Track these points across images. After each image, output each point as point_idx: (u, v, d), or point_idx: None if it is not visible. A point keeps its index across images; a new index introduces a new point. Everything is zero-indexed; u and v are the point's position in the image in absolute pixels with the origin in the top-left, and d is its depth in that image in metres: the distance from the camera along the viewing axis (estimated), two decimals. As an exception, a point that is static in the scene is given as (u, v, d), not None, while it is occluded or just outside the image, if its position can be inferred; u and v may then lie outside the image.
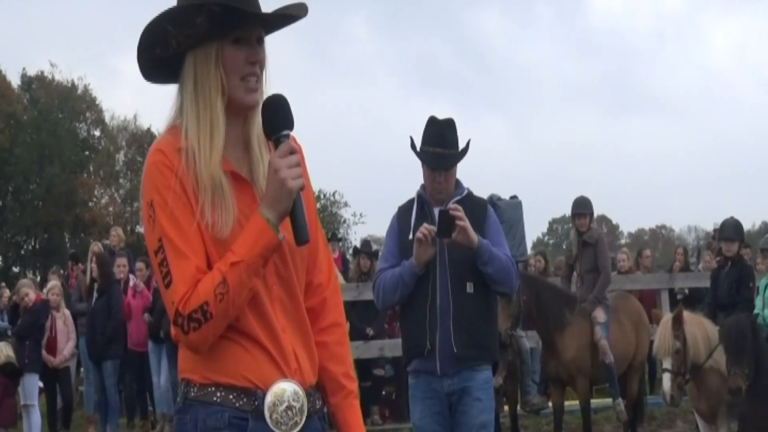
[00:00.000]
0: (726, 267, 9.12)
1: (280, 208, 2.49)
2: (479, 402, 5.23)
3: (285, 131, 2.57)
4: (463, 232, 5.07)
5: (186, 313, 2.45)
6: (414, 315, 5.31)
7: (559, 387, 9.54)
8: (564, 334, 9.20)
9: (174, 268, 2.48)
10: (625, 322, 9.78)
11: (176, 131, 2.59)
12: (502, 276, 5.20)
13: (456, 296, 5.22)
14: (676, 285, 13.45)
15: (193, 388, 2.58)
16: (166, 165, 2.53)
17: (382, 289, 5.34)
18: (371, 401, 12.34)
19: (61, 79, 47.00)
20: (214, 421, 2.54)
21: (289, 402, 2.58)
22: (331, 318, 2.81)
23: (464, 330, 5.20)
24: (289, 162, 2.49)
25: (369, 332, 11.90)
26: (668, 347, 7.93)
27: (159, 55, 2.58)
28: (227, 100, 2.58)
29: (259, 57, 2.61)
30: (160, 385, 12.12)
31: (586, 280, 9.71)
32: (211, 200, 2.52)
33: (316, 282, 2.79)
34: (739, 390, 7.40)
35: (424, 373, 5.31)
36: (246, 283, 2.47)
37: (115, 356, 12.10)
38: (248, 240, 2.48)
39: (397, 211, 5.59)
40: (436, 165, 5.31)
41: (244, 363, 2.56)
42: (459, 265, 5.24)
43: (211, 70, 2.56)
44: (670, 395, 7.92)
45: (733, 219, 9.22)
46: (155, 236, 2.51)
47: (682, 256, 15.64)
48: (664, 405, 9.33)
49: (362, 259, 12.76)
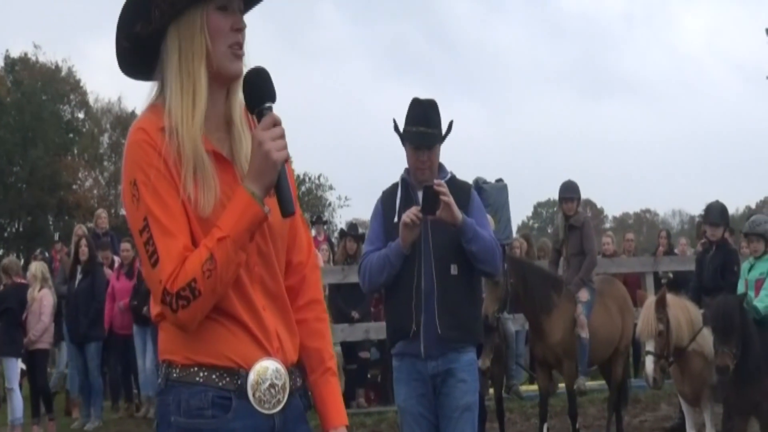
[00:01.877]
0: (711, 251, 9.15)
1: (266, 180, 2.47)
2: (464, 383, 5.25)
3: (267, 104, 2.54)
4: (447, 208, 5.07)
5: (174, 290, 2.43)
6: (399, 298, 5.32)
7: (545, 370, 9.56)
8: (551, 317, 9.22)
9: (160, 246, 2.46)
10: (610, 306, 9.80)
11: (157, 109, 2.57)
12: (486, 255, 5.21)
13: (440, 278, 5.23)
14: (660, 268, 13.51)
15: (175, 369, 2.57)
16: (148, 143, 2.50)
17: (369, 271, 5.34)
18: (357, 384, 12.37)
19: (45, 60, 46.73)
20: (197, 401, 2.53)
21: (272, 380, 2.58)
22: (309, 295, 2.81)
23: (448, 312, 5.21)
24: (273, 134, 2.48)
25: (354, 315, 11.92)
26: (651, 330, 7.96)
27: (139, 32, 2.55)
28: (212, 70, 2.57)
29: (242, 25, 2.60)
30: (146, 367, 12.14)
31: (573, 263, 9.73)
32: (193, 176, 2.50)
33: (295, 261, 2.79)
34: (726, 368, 7.42)
35: (408, 356, 5.32)
36: (233, 258, 2.45)
37: (98, 338, 12.07)
38: (234, 214, 2.46)
39: (381, 195, 5.59)
40: (419, 143, 5.32)
41: (227, 343, 2.55)
42: (443, 247, 5.25)
43: (195, 36, 2.54)
44: (653, 378, 7.96)
45: (718, 203, 9.24)
46: (140, 215, 2.48)
47: (665, 239, 15.70)
48: (648, 388, 9.38)
49: (348, 241, 12.76)
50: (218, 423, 2.53)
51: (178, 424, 2.54)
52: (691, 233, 24.07)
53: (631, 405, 11.10)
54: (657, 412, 11.40)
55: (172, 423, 2.55)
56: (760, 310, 7.86)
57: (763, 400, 7.74)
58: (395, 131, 5.46)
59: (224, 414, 2.54)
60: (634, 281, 13.45)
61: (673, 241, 16.62)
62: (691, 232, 25.86)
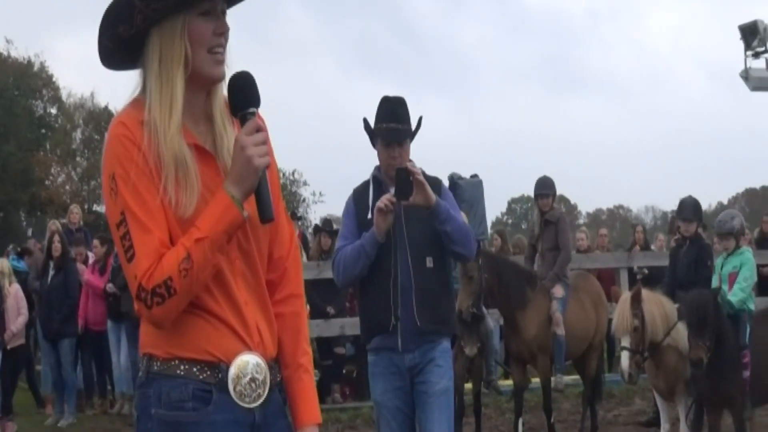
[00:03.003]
0: (684, 246, 9.19)
1: (246, 185, 2.49)
2: (439, 368, 5.30)
3: (251, 108, 2.56)
4: (420, 189, 5.12)
5: (150, 287, 2.44)
6: (375, 292, 5.33)
7: (520, 365, 9.59)
8: (525, 313, 9.25)
9: (137, 241, 2.46)
10: (584, 301, 9.84)
11: (139, 104, 2.58)
12: (460, 236, 5.25)
13: (417, 272, 5.27)
14: (634, 264, 13.57)
15: (156, 362, 2.57)
16: (128, 137, 2.51)
17: (343, 263, 5.35)
18: (332, 380, 12.37)
19: (17, 56, 46.40)
20: (178, 393, 2.54)
21: (252, 374, 2.60)
22: (288, 289, 2.82)
23: (426, 305, 5.26)
24: (255, 140, 2.49)
25: (330, 311, 11.90)
26: (627, 325, 8.00)
27: (122, 33, 2.55)
28: (192, 73, 2.57)
29: (225, 28, 2.61)
30: (120, 364, 12.09)
31: (547, 258, 9.76)
32: (174, 177, 2.51)
33: (277, 255, 2.79)
34: (700, 361, 7.47)
35: (385, 350, 5.35)
36: (210, 259, 2.47)
37: (72, 335, 11.97)
38: (213, 216, 2.47)
39: (353, 192, 5.62)
40: (390, 139, 5.37)
41: (208, 337, 2.56)
42: (418, 241, 5.30)
43: (175, 43, 2.54)
44: (628, 373, 8.00)
45: (691, 198, 9.27)
46: (117, 209, 2.49)
47: (641, 234, 15.78)
48: (623, 383, 9.43)
49: (323, 237, 12.74)
50: (199, 415, 2.54)
51: (159, 417, 2.55)
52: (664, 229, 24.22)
53: (605, 399, 11.16)
54: (631, 407, 11.48)
55: (152, 415, 2.56)
56: (734, 304, 7.92)
57: (736, 394, 7.79)
58: (366, 130, 5.51)
59: (205, 407, 2.55)
60: (609, 276, 13.52)
61: (649, 236, 16.71)
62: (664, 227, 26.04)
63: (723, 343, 7.62)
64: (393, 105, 5.47)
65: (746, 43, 18.84)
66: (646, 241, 15.79)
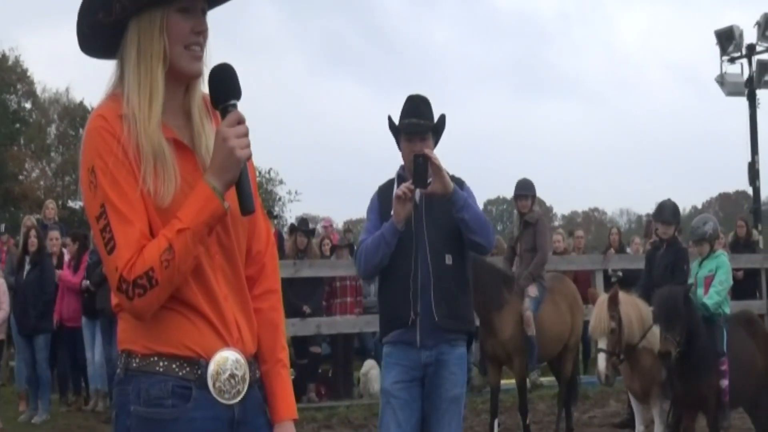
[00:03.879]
0: (661, 249, 9.23)
1: (227, 177, 2.50)
2: (454, 376, 5.39)
3: (232, 101, 2.56)
4: (438, 175, 5.20)
5: (131, 279, 2.44)
6: (395, 287, 5.42)
7: (495, 366, 9.62)
8: (501, 314, 9.29)
9: (117, 233, 2.46)
10: (560, 303, 9.89)
11: (117, 97, 2.58)
12: (478, 224, 5.32)
13: (436, 268, 5.36)
14: (610, 266, 13.64)
15: (134, 358, 2.56)
16: (107, 130, 2.51)
17: (365, 253, 5.44)
18: (308, 379, 12.37)
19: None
20: (157, 390, 2.53)
21: (232, 370, 2.60)
22: (266, 284, 2.82)
23: (444, 301, 5.35)
24: (237, 131, 2.50)
25: (306, 310, 11.90)
26: (604, 327, 8.03)
27: (101, 20, 2.55)
28: (170, 68, 2.58)
29: (203, 27, 2.62)
30: (94, 360, 12.04)
31: (526, 259, 9.80)
32: (153, 168, 2.51)
33: (255, 250, 2.80)
34: (668, 354, 7.52)
35: (402, 344, 5.44)
36: (191, 250, 2.47)
37: (47, 330, 11.90)
38: (194, 207, 2.48)
39: (377, 189, 5.72)
40: (412, 132, 5.47)
41: (187, 332, 2.56)
42: (438, 238, 5.40)
43: (154, 37, 2.55)
44: (605, 375, 8.03)
45: (670, 201, 9.32)
46: (97, 202, 2.49)
47: (616, 236, 15.86)
48: (598, 384, 9.47)
49: (299, 236, 12.72)
50: (178, 412, 2.54)
51: (138, 413, 2.54)
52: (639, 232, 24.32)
53: (580, 401, 11.21)
54: (606, 409, 11.55)
55: (131, 412, 2.55)
56: (710, 307, 7.97)
57: (710, 396, 7.85)
58: (390, 129, 5.62)
59: (184, 403, 2.54)
60: (585, 279, 13.57)
61: (624, 239, 16.79)
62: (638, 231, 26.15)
63: (695, 343, 7.68)
64: (416, 102, 5.58)
65: (722, 48, 18.97)
66: (621, 244, 15.89)
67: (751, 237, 15.77)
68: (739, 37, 18.79)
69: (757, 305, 13.58)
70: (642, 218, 44.72)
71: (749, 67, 18.86)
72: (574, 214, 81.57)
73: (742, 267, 14.20)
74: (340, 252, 13.41)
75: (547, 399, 11.30)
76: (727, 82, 18.83)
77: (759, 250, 15.67)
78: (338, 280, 12.75)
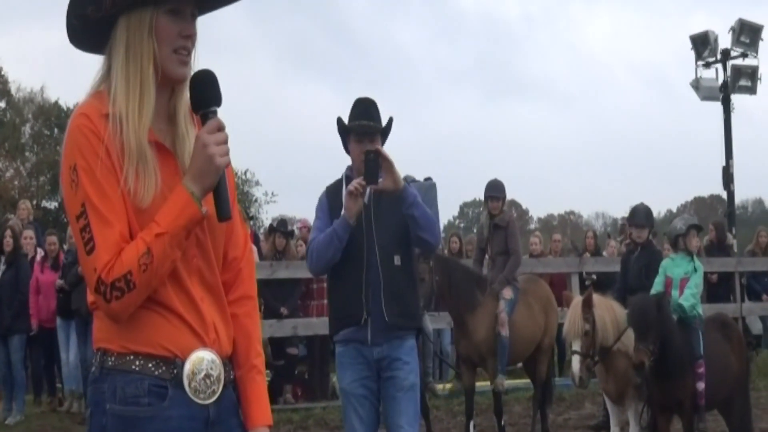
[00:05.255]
0: (636, 252, 9.30)
1: (206, 182, 2.51)
2: (407, 365, 5.54)
3: (213, 107, 2.58)
4: (389, 171, 5.33)
5: (109, 281, 2.44)
6: (347, 287, 5.54)
7: (470, 368, 9.66)
8: (475, 315, 9.34)
9: (97, 234, 2.46)
10: (534, 305, 9.94)
11: (101, 96, 2.58)
12: (426, 222, 5.50)
13: (385, 269, 5.49)
14: (585, 269, 13.70)
15: (110, 357, 2.57)
16: (90, 129, 2.51)
17: (316, 249, 5.56)
18: (284, 380, 12.36)
19: (-35, 48, 45.76)
20: (133, 389, 2.54)
21: (207, 371, 2.61)
22: (241, 290, 2.83)
23: (394, 300, 5.49)
24: (217, 138, 2.51)
25: (283, 311, 11.90)
26: (578, 330, 8.07)
27: (90, 15, 2.55)
28: (158, 70, 2.58)
29: (192, 31, 2.62)
30: (69, 361, 11.98)
31: (497, 262, 9.83)
32: (135, 168, 2.51)
33: (231, 256, 2.81)
34: (642, 365, 7.57)
35: (354, 342, 5.57)
36: (169, 254, 2.48)
37: (22, 331, 11.84)
38: (172, 212, 2.48)
39: (325, 190, 5.82)
40: (363, 132, 5.59)
41: (163, 332, 2.56)
42: (386, 239, 5.53)
43: (144, 37, 2.56)
44: (579, 377, 8.06)
45: (643, 205, 9.39)
46: (78, 201, 2.49)
47: (592, 239, 15.93)
48: (573, 387, 9.50)
49: (277, 237, 12.68)
50: (154, 411, 2.54)
51: (114, 412, 2.54)
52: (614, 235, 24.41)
53: (555, 403, 11.28)
54: (581, 411, 11.60)
55: (107, 410, 2.55)
56: (686, 309, 8.03)
57: (685, 398, 7.90)
58: (338, 130, 5.73)
59: (160, 402, 2.55)
60: (560, 281, 13.65)
61: (600, 242, 16.87)
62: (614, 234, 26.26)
63: (669, 348, 7.72)
64: (365, 105, 5.72)
65: (697, 53, 19.08)
66: (597, 247, 15.96)
67: (726, 240, 15.87)
68: (714, 42, 18.91)
69: (731, 308, 13.70)
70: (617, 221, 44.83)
71: (724, 72, 18.98)
72: (550, 216, 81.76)
73: (716, 270, 14.30)
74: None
75: (523, 401, 11.35)
76: (702, 87, 18.92)
77: (733, 254, 15.77)
78: (315, 282, 12.74)
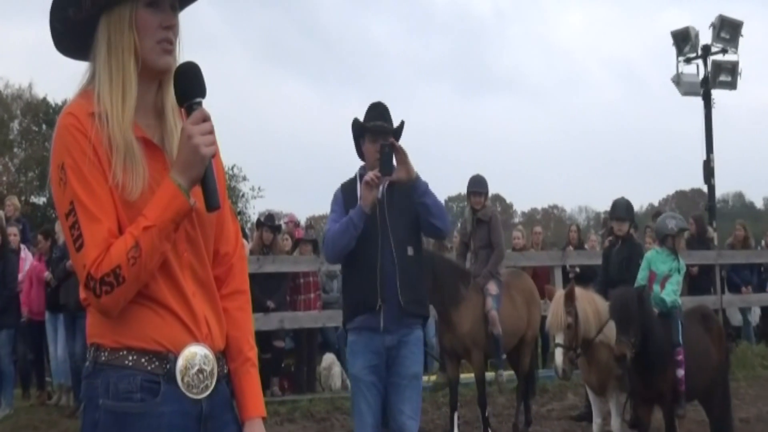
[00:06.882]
0: (617, 245, 9.43)
1: (192, 174, 2.53)
2: (414, 355, 5.92)
3: (197, 99, 2.59)
4: (403, 161, 5.68)
5: (98, 276, 2.46)
6: (362, 276, 5.87)
7: (454, 360, 9.73)
8: (459, 309, 9.39)
9: (86, 230, 2.48)
10: (516, 298, 9.99)
11: (88, 95, 2.60)
12: (438, 209, 5.87)
13: (400, 259, 5.86)
14: (568, 262, 13.80)
15: (103, 352, 2.58)
16: (77, 128, 2.53)
17: (332, 236, 5.90)
18: (271, 373, 12.37)
19: (-49, 43, 45.47)
20: (126, 384, 2.56)
21: (200, 365, 2.63)
22: (234, 285, 2.85)
23: (407, 287, 5.84)
24: (202, 129, 2.52)
25: (270, 305, 11.94)
26: (560, 322, 8.17)
27: (72, 17, 2.59)
28: (141, 63, 2.61)
29: (173, 22, 2.64)
30: (57, 355, 11.96)
31: (480, 256, 9.89)
32: (122, 162, 2.53)
33: (223, 251, 2.84)
34: (623, 357, 7.69)
35: (366, 330, 5.89)
36: (158, 247, 2.50)
37: (10, 326, 11.82)
38: (160, 205, 2.50)
39: (341, 186, 6.20)
40: (378, 132, 5.95)
41: (156, 327, 2.58)
42: (401, 232, 5.91)
43: (124, 32, 2.58)
44: (562, 369, 8.15)
45: (623, 199, 9.51)
46: (66, 199, 2.51)
47: (575, 233, 16.02)
48: (556, 378, 9.62)
49: (265, 232, 12.69)
50: (146, 406, 2.56)
51: (106, 407, 2.56)
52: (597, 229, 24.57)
53: (539, 394, 11.37)
54: (564, 402, 11.67)
55: (99, 405, 2.57)
56: (667, 303, 8.18)
57: (665, 390, 8.02)
58: (353, 131, 6.09)
59: (153, 398, 2.57)
60: (544, 274, 13.74)
61: (583, 236, 16.98)
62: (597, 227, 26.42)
63: (651, 340, 7.83)
64: (380, 109, 6.12)
65: (678, 49, 19.22)
66: (580, 241, 16.07)
67: (706, 234, 16.00)
68: (695, 38, 19.07)
69: (711, 300, 13.78)
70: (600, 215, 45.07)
71: (704, 68, 19.15)
72: (533, 211, 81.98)
73: (696, 263, 14.42)
74: (304, 248, 13.46)
75: (506, 392, 11.39)
76: (683, 82, 19.08)
77: (713, 247, 15.89)
78: (302, 276, 12.82)
